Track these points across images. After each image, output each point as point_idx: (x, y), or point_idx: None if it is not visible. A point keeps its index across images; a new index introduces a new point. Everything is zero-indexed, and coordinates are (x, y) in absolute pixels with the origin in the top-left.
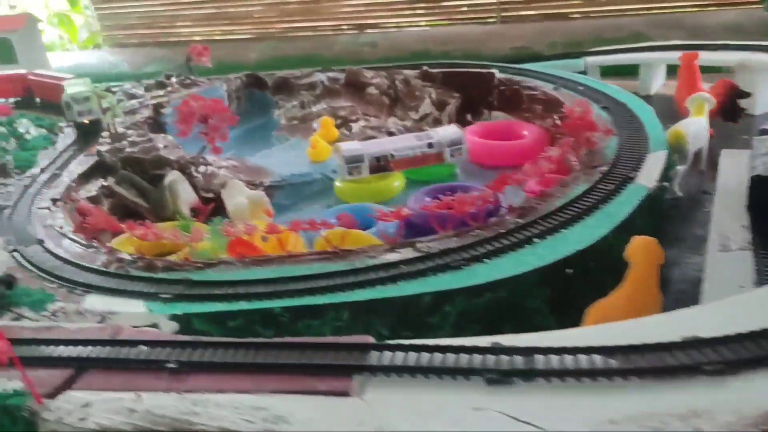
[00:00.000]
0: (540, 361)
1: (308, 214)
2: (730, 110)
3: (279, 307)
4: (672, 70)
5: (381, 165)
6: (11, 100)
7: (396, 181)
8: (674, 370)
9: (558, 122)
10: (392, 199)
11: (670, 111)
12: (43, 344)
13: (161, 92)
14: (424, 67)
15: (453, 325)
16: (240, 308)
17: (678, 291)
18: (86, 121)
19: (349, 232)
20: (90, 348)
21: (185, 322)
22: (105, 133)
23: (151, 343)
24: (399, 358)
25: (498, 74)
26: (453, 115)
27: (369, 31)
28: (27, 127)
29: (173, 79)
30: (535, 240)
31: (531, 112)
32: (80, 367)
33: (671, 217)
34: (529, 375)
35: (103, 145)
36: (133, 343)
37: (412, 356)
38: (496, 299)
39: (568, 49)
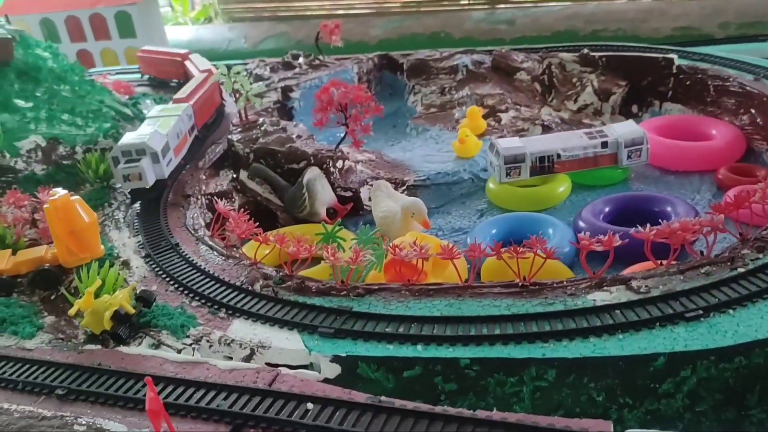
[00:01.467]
0: None
1: (458, 220)
2: None
3: (466, 358)
4: None
5: (544, 166)
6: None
7: (561, 185)
8: None
9: (759, 120)
10: (556, 207)
11: None
12: (194, 387)
13: (289, 73)
14: (585, 50)
15: (688, 394)
16: (418, 354)
17: None
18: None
19: (535, 259)
20: (248, 400)
21: (350, 366)
22: (236, 120)
23: (323, 402)
24: None
25: (677, 60)
26: (618, 106)
27: (502, 6)
28: (150, 107)
29: (301, 59)
30: None
31: (719, 106)
32: (237, 424)
33: None
34: None
35: (234, 134)
36: (298, 398)
37: None
38: (750, 366)
39: (743, 30)
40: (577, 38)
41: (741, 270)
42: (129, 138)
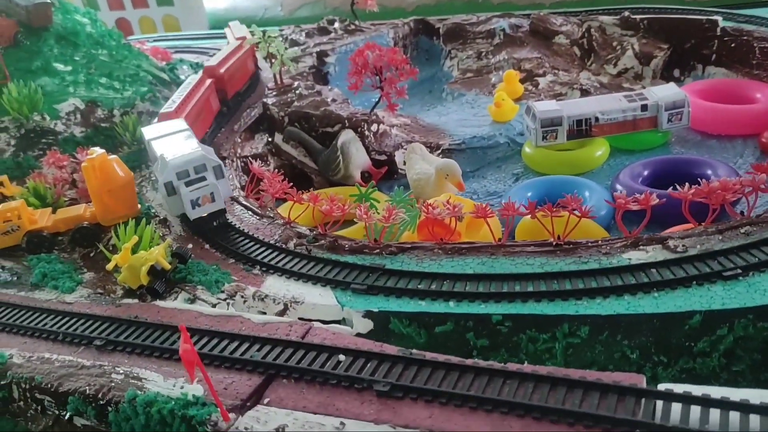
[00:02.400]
0: None
1: (493, 184)
2: None
3: (498, 314)
4: None
5: (582, 130)
6: None
7: (599, 149)
8: None
9: None
10: (593, 171)
11: None
12: (227, 339)
13: (324, 39)
14: (626, 13)
15: (725, 353)
16: (449, 311)
17: None
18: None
19: (570, 218)
20: (281, 352)
21: (382, 322)
22: (271, 84)
23: (354, 354)
24: (695, 415)
25: (722, 22)
26: (659, 70)
27: None
28: (188, 72)
29: (336, 25)
30: None
31: (765, 69)
32: (270, 374)
33: None
34: None
35: (269, 98)
36: (330, 350)
37: (715, 415)
38: None
39: None
40: (619, 1)
41: None
42: (176, 157)
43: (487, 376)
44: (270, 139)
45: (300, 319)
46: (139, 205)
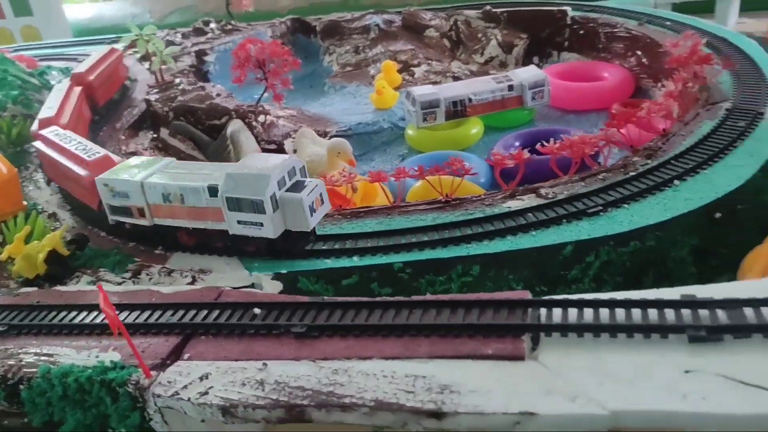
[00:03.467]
0: (750, 314)
1: (381, 165)
2: None
3: (399, 263)
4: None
5: (458, 110)
6: None
7: (474, 127)
8: None
9: (645, 61)
10: (471, 148)
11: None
12: (139, 310)
13: (201, 39)
14: (487, 7)
15: (594, 278)
16: (354, 264)
17: None
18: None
19: (454, 179)
20: (196, 313)
21: (290, 282)
22: (152, 82)
23: (269, 306)
24: (573, 315)
25: (571, 12)
26: (521, 58)
27: None
28: (57, 78)
29: (212, 25)
30: (674, 182)
31: (610, 51)
32: (187, 334)
33: None
34: (742, 330)
35: (151, 94)
36: (245, 306)
37: (589, 313)
38: (643, 249)
39: None
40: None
41: (632, 173)
42: (266, 167)
43: (394, 309)
44: (155, 135)
45: None
46: (25, 202)
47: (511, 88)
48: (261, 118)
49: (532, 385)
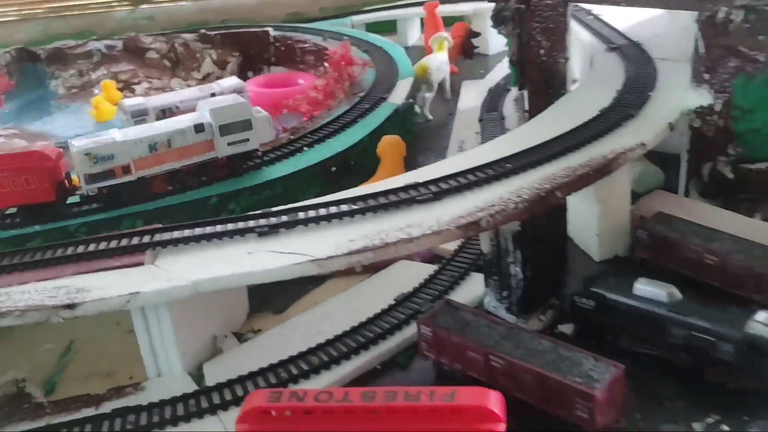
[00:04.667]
0: (301, 215)
1: None
2: (466, 48)
3: (75, 224)
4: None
5: (167, 117)
6: None
7: None
8: (398, 203)
9: (326, 65)
10: None
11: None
12: None
13: None
14: (202, 30)
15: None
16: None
17: None
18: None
19: None
20: None
21: None
22: None
23: None
24: (187, 232)
25: (272, 32)
26: (235, 73)
27: (144, 6)
28: None
29: None
30: (305, 149)
31: (305, 63)
32: None
33: (423, 134)
34: (291, 225)
35: None
36: None
37: (199, 230)
38: (274, 195)
39: (337, 12)
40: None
41: (278, 146)
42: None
43: (52, 250)
44: None
45: None
46: None
47: (214, 94)
48: None
49: (144, 278)
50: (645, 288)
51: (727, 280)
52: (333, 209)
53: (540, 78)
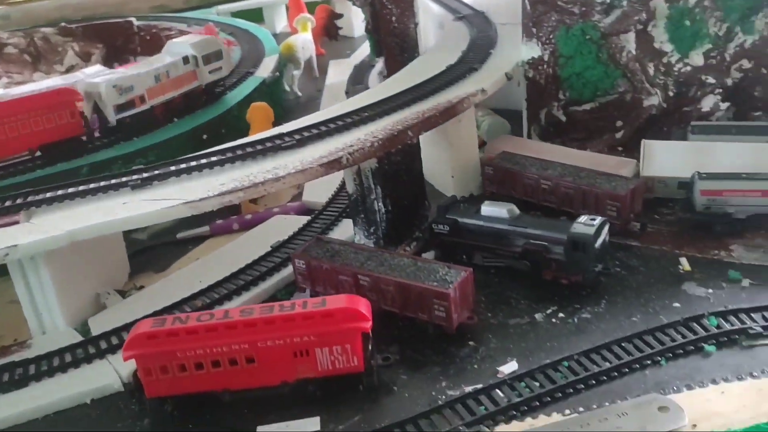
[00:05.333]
0: (172, 168)
1: None
2: (330, 29)
3: None
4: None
5: None
6: None
7: None
8: (264, 151)
9: None
10: None
11: None
12: None
13: None
14: (62, 24)
15: None
16: None
17: None
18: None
19: None
20: None
21: None
22: None
23: None
24: (60, 192)
25: (136, 22)
26: (101, 64)
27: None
28: None
29: None
30: (174, 119)
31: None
32: None
33: (293, 109)
34: (163, 177)
35: None
36: None
37: (72, 189)
38: (148, 162)
39: (201, 3)
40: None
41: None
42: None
43: None
44: None
45: None
46: None
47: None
48: None
49: (20, 233)
50: (489, 209)
51: (559, 200)
52: (203, 160)
53: (394, 43)
